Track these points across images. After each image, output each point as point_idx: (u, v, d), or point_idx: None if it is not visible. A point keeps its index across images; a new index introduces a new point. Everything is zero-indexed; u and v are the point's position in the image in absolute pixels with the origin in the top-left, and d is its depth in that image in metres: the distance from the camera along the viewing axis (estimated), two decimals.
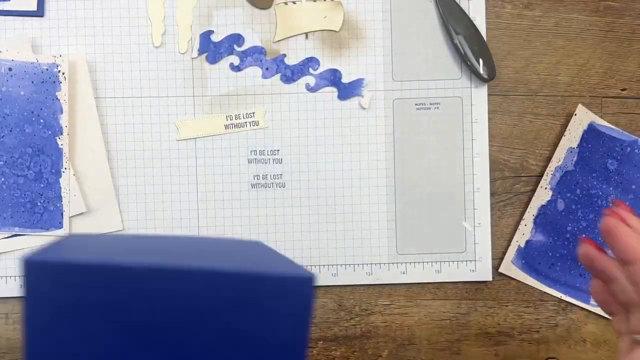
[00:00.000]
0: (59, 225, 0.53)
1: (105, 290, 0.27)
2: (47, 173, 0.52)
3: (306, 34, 0.54)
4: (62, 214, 0.52)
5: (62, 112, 0.52)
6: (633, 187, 0.55)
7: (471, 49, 0.54)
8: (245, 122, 0.54)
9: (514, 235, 0.55)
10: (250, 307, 0.29)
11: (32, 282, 0.27)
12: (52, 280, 0.27)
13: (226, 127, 0.54)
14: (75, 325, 0.28)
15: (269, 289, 0.28)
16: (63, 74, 0.52)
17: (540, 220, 0.55)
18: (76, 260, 0.27)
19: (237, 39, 0.54)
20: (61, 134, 0.52)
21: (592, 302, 0.55)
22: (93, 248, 0.30)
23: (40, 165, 0.52)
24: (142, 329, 0.28)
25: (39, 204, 0.52)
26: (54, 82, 0.51)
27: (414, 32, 0.55)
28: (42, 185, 0.52)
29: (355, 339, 0.55)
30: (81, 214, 0.53)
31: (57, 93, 0.52)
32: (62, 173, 0.52)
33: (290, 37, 0.54)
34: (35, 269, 0.27)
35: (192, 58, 0.54)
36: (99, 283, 0.27)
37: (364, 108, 0.55)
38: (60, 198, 0.52)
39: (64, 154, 0.52)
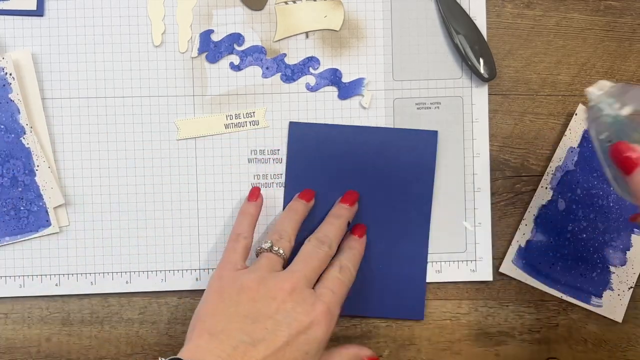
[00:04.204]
0: (47, 224, 0.52)
1: (332, 139, 0.54)
2: (22, 175, 0.52)
3: (306, 33, 0.54)
4: (46, 211, 0.52)
5: (19, 113, 0.52)
6: None
7: (472, 49, 0.54)
8: (246, 122, 0.54)
9: (514, 235, 0.55)
10: (399, 148, 0.54)
11: (292, 136, 0.54)
12: (302, 133, 0.54)
13: (226, 126, 0.54)
14: (310, 157, 0.54)
15: (409, 138, 0.54)
16: (10, 74, 0.51)
17: (541, 220, 0.55)
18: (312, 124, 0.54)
19: (237, 38, 0.54)
20: (24, 133, 0.52)
21: (593, 302, 0.55)
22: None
23: (13, 170, 0.52)
24: (349, 158, 0.54)
25: (21, 208, 0.52)
26: (4, 85, 0.51)
27: (415, 31, 0.55)
28: (20, 189, 0.52)
29: (355, 339, 0.55)
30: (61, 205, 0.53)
31: (9, 95, 0.51)
32: (36, 171, 0.52)
33: (291, 36, 0.54)
34: (294, 126, 0.54)
35: (192, 57, 0.54)
36: (329, 135, 0.54)
37: (364, 107, 0.55)
38: (41, 196, 0.52)
39: (32, 153, 0.52)
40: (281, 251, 0.48)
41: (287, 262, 0.49)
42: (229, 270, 0.48)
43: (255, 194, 0.53)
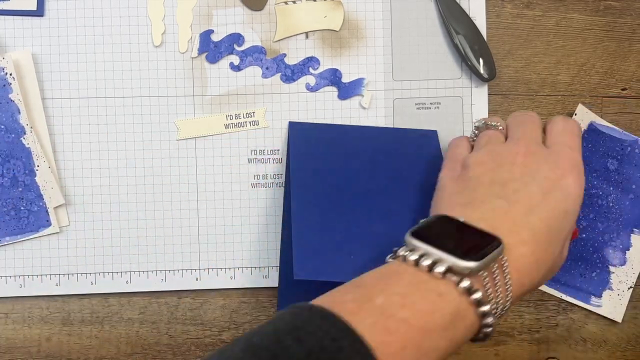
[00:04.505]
0: (47, 224, 0.52)
1: (332, 138, 0.53)
2: (22, 176, 0.52)
3: (306, 33, 0.54)
4: (47, 211, 0.52)
5: (19, 113, 0.52)
6: (633, 187, 0.55)
7: (471, 49, 0.54)
8: (245, 122, 0.54)
9: None
10: (401, 148, 0.53)
11: (292, 136, 0.53)
12: (302, 133, 0.54)
13: (226, 126, 0.54)
14: (310, 156, 0.52)
15: (410, 138, 0.54)
16: (10, 74, 0.51)
17: None
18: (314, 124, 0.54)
19: (237, 38, 0.54)
20: (25, 133, 0.52)
21: (592, 301, 0.55)
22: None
23: (13, 170, 0.52)
24: (351, 157, 0.52)
25: (22, 208, 0.52)
26: (4, 85, 0.51)
27: (414, 31, 0.55)
28: (20, 189, 0.52)
29: None
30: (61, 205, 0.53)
31: (9, 96, 0.51)
32: (36, 171, 0.52)
33: (291, 36, 0.54)
34: (293, 126, 0.54)
35: (192, 57, 0.54)
36: (330, 135, 0.54)
37: (364, 108, 0.55)
38: (41, 196, 0.52)
39: (33, 153, 0.52)
40: (497, 124, 0.45)
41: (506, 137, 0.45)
42: (454, 163, 0.45)
43: None
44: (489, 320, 0.36)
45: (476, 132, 0.47)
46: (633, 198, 0.55)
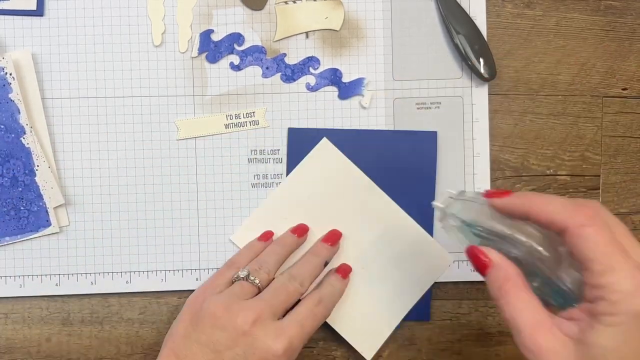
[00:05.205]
0: (47, 224, 0.52)
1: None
2: (22, 175, 0.52)
3: (306, 33, 0.54)
4: (46, 211, 0.52)
5: (19, 113, 0.52)
6: None
7: (472, 49, 0.54)
8: (246, 122, 0.54)
9: None
10: (399, 150, 0.54)
11: (291, 142, 0.54)
12: (302, 139, 0.54)
13: (226, 126, 0.54)
14: None
15: (408, 140, 0.54)
16: (10, 74, 0.51)
17: None
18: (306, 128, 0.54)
19: (237, 38, 0.54)
20: (24, 133, 0.52)
21: None
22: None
23: (13, 170, 0.52)
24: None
25: (21, 208, 0.52)
26: (4, 85, 0.51)
27: (415, 31, 0.55)
28: (20, 189, 0.52)
29: None
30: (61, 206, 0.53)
31: (9, 95, 0.51)
32: (36, 171, 0.52)
33: (291, 36, 0.54)
34: (293, 132, 0.54)
35: (192, 57, 0.54)
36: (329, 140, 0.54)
37: (364, 107, 0.54)
38: (41, 196, 0.52)
39: (32, 153, 0.52)
40: (257, 281, 0.48)
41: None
42: (208, 293, 0.48)
43: (267, 236, 0.53)
44: None
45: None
46: None
